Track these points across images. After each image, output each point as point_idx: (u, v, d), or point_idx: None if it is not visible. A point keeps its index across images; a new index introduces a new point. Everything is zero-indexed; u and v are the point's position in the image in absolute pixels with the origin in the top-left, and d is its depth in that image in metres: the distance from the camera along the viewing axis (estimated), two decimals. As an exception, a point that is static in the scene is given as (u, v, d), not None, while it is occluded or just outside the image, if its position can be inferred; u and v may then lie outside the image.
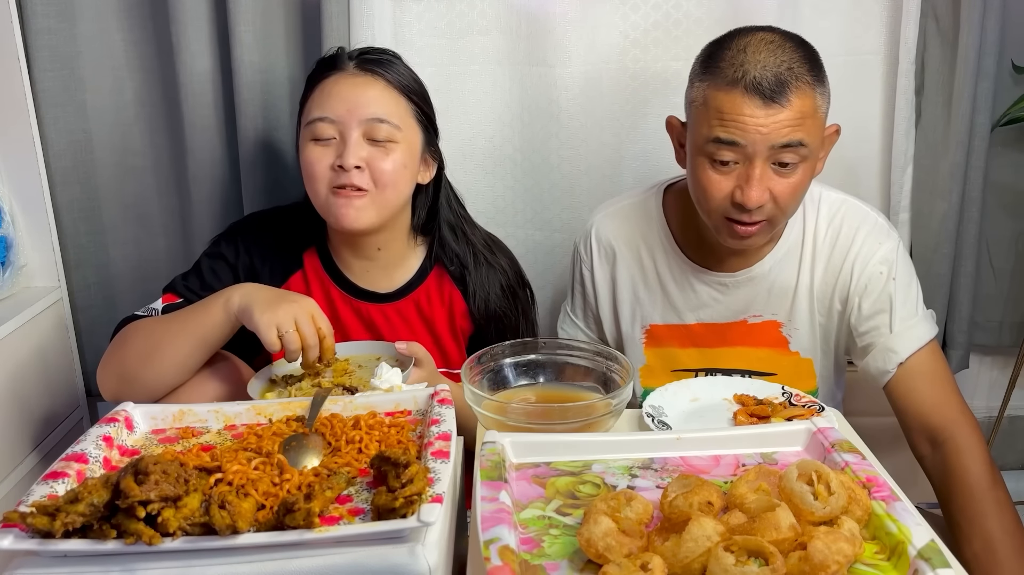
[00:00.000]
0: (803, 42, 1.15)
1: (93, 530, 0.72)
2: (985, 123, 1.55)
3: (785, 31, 1.16)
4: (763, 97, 1.09)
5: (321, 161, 1.20)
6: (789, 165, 1.12)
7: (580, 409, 0.98)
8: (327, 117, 1.19)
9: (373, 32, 1.51)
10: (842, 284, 1.26)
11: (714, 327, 1.32)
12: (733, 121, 1.10)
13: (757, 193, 1.12)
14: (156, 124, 1.62)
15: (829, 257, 1.26)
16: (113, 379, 1.16)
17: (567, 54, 1.58)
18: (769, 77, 1.09)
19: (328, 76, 1.22)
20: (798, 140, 1.11)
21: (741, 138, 1.11)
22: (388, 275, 1.32)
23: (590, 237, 1.38)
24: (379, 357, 1.21)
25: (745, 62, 1.10)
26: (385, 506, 0.74)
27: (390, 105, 1.21)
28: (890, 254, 1.25)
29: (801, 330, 1.29)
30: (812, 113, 1.12)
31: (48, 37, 1.53)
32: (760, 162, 1.11)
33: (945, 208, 1.58)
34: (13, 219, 1.56)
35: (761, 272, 1.28)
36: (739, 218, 1.15)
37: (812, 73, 1.12)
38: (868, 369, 1.27)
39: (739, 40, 1.14)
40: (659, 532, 0.74)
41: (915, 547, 0.68)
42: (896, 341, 1.24)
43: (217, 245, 1.32)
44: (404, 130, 1.22)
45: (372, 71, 1.22)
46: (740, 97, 1.10)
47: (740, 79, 1.10)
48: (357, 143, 1.19)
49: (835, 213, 1.27)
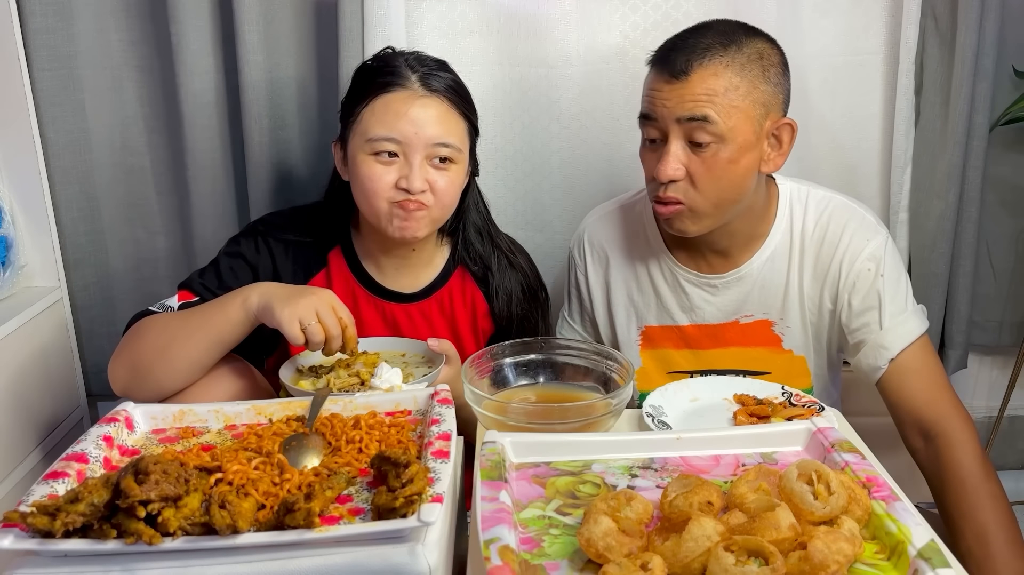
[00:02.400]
0: (758, 33, 1.18)
1: (93, 530, 0.72)
2: (983, 123, 1.55)
3: (736, 23, 1.19)
4: (670, 72, 1.14)
5: (384, 178, 1.20)
6: (704, 145, 1.14)
7: (580, 409, 0.98)
8: (393, 137, 1.19)
9: (387, 31, 1.50)
10: (831, 281, 1.26)
11: (707, 328, 1.33)
12: (648, 96, 1.18)
13: (664, 166, 1.15)
14: (156, 123, 1.62)
15: (817, 255, 1.27)
16: (125, 372, 1.15)
17: (567, 55, 1.58)
18: (678, 55, 1.14)
19: (390, 91, 1.20)
20: (702, 115, 1.12)
21: (650, 111, 1.16)
22: (415, 275, 1.33)
23: (583, 242, 1.40)
24: (405, 354, 1.22)
25: (668, 43, 1.18)
26: (385, 506, 0.74)
27: (454, 129, 1.22)
28: (878, 250, 1.25)
29: (793, 328, 1.30)
30: (723, 92, 1.13)
31: (47, 37, 1.53)
32: (673, 138, 1.15)
33: (943, 208, 1.58)
34: (13, 219, 1.56)
35: (749, 272, 1.28)
36: (658, 195, 1.18)
37: (732, 55, 1.13)
38: (860, 366, 1.28)
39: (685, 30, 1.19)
40: (659, 532, 0.74)
41: (915, 547, 0.68)
42: (886, 337, 1.24)
43: (236, 243, 1.31)
44: (463, 149, 1.24)
45: (436, 92, 1.21)
46: (655, 74, 1.17)
47: (657, 58, 1.18)
48: (422, 166, 1.19)
49: (822, 211, 1.27)
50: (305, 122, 1.61)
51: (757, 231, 1.27)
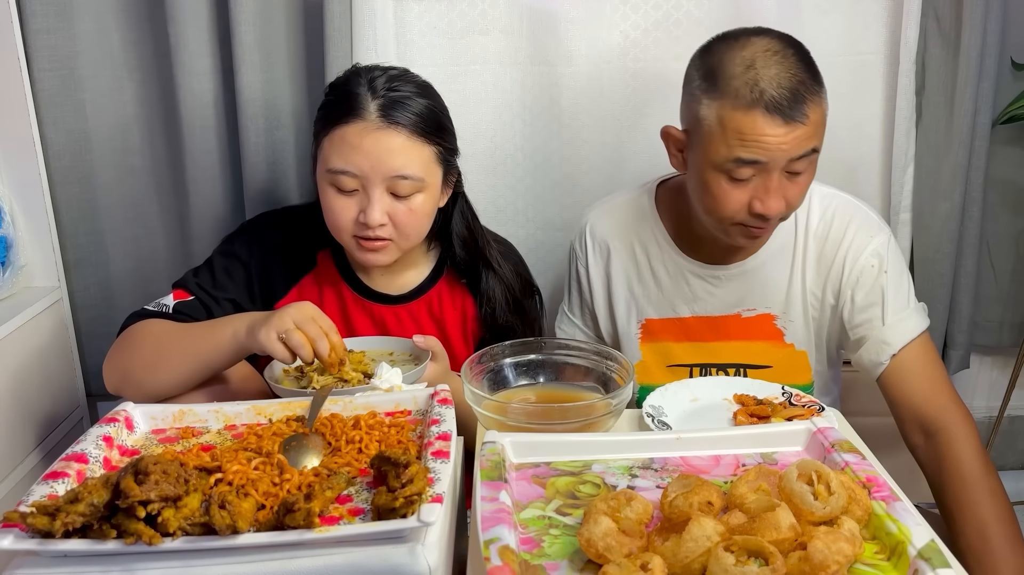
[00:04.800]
0: (797, 44, 1.16)
1: (93, 530, 0.72)
2: (986, 123, 1.55)
3: (778, 34, 1.16)
4: (784, 116, 1.09)
5: (345, 212, 1.19)
6: (802, 172, 1.15)
7: (580, 409, 0.98)
8: (349, 171, 1.17)
9: (375, 32, 1.50)
10: (834, 277, 1.27)
11: (708, 320, 1.33)
12: (755, 142, 1.11)
13: (776, 204, 1.14)
14: (155, 124, 1.62)
15: (821, 250, 1.28)
16: (117, 377, 1.18)
17: (568, 54, 1.58)
18: (787, 95, 1.09)
19: (347, 123, 1.17)
20: (812, 148, 1.13)
21: (764, 156, 1.11)
22: (402, 278, 1.33)
23: (584, 234, 1.40)
24: (392, 352, 1.21)
25: (759, 80, 1.10)
26: (385, 506, 0.74)
27: (413, 158, 1.18)
28: (881, 247, 1.26)
29: (796, 323, 1.31)
30: (823, 119, 1.14)
31: (47, 37, 1.53)
32: (777, 174, 1.13)
33: (946, 208, 1.58)
34: (13, 219, 1.56)
35: (754, 266, 1.29)
36: (755, 224, 1.17)
37: (817, 79, 1.14)
38: (861, 362, 1.28)
39: (740, 53, 1.13)
40: (659, 532, 0.74)
41: (915, 547, 0.68)
42: (889, 333, 1.25)
43: (230, 243, 1.31)
44: (427, 178, 1.20)
45: (395, 122, 1.16)
46: (761, 118, 1.10)
47: (759, 100, 1.09)
48: (380, 199, 1.18)
49: (826, 207, 1.28)
50: (301, 122, 1.61)
51: None
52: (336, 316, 1.30)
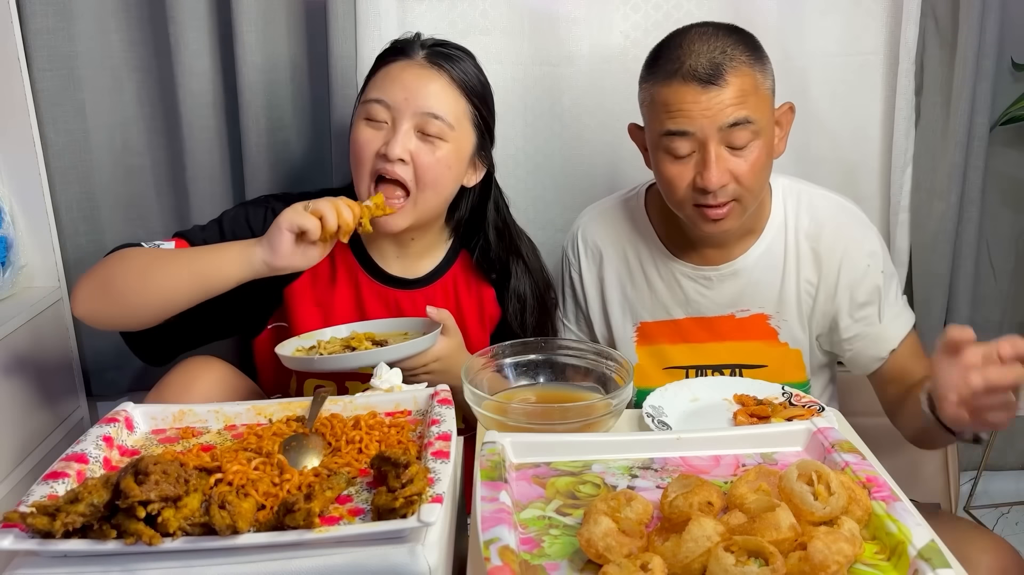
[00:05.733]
0: (736, 29, 1.18)
1: (93, 530, 0.72)
2: (984, 123, 1.55)
3: (720, 23, 1.19)
4: (701, 81, 1.12)
5: (370, 144, 1.19)
6: (744, 146, 1.15)
7: (580, 409, 0.98)
8: (383, 100, 1.19)
9: (380, 32, 1.50)
10: (830, 276, 1.28)
11: (703, 321, 1.33)
12: (679, 111, 1.13)
13: (716, 175, 1.14)
14: (155, 124, 1.62)
15: (815, 250, 1.28)
16: (94, 290, 1.12)
17: (569, 54, 1.59)
18: (704, 62, 1.12)
19: (395, 60, 1.22)
20: (744, 117, 1.13)
21: (688, 126, 1.13)
22: (418, 262, 1.33)
23: (576, 240, 1.40)
24: (407, 333, 1.22)
25: (681, 54, 1.14)
26: (385, 506, 0.74)
27: (448, 102, 1.20)
28: (875, 246, 1.28)
29: (790, 322, 1.31)
30: (753, 90, 1.14)
31: (47, 37, 1.53)
32: (713, 145, 1.14)
33: (944, 208, 1.58)
34: (13, 219, 1.56)
35: (745, 266, 1.29)
36: (706, 202, 1.17)
37: (748, 52, 1.15)
38: (858, 358, 1.30)
39: (676, 38, 1.18)
40: (659, 532, 0.74)
41: (915, 547, 0.68)
42: (887, 330, 1.28)
43: (244, 209, 1.29)
44: (457, 130, 1.21)
45: (439, 65, 1.21)
46: (680, 86, 1.13)
47: (677, 70, 1.13)
48: (406, 134, 1.18)
49: (816, 207, 1.29)
50: (304, 123, 1.61)
51: (753, 225, 1.28)
52: (348, 299, 1.30)
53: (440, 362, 1.17)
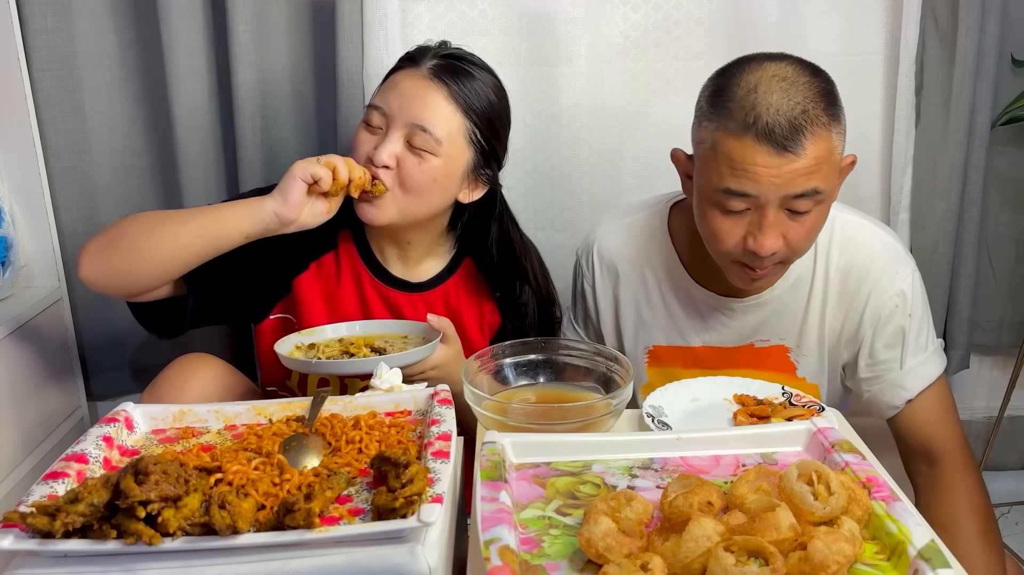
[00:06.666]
0: (818, 72, 1.07)
1: (93, 530, 0.72)
2: (984, 123, 1.55)
3: (799, 60, 1.08)
4: (776, 146, 1.01)
5: (362, 147, 1.22)
6: (805, 212, 1.06)
7: (580, 409, 0.98)
8: (381, 107, 1.21)
9: (386, 32, 1.51)
10: (855, 314, 1.21)
11: (720, 351, 1.28)
12: (744, 171, 1.03)
13: (770, 242, 1.06)
14: (153, 124, 1.62)
15: (843, 284, 1.21)
16: (100, 249, 1.13)
17: (568, 54, 1.58)
18: (783, 123, 1.01)
19: (404, 68, 1.23)
20: (813, 188, 1.04)
21: (752, 189, 1.04)
22: (418, 266, 1.33)
23: (592, 253, 1.34)
24: (406, 336, 1.22)
25: (756, 105, 1.02)
26: (385, 506, 0.74)
27: (440, 117, 1.19)
28: (906, 286, 1.20)
29: (809, 356, 1.26)
30: (828, 157, 1.04)
31: (47, 37, 1.53)
32: (772, 210, 1.05)
33: (944, 208, 1.58)
34: (13, 219, 1.56)
35: (771, 298, 1.23)
36: (751, 263, 1.10)
37: (828, 112, 1.05)
38: (874, 402, 1.25)
39: (748, 76, 1.05)
40: (659, 532, 0.74)
41: (915, 547, 0.68)
42: (906, 378, 1.21)
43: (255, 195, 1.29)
44: (446, 146, 1.20)
45: (440, 78, 1.20)
46: (752, 145, 1.02)
47: (751, 125, 1.02)
48: (394, 141, 1.19)
49: (849, 239, 1.21)
50: (300, 123, 1.61)
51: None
52: (353, 297, 1.31)
53: (438, 370, 1.17)
